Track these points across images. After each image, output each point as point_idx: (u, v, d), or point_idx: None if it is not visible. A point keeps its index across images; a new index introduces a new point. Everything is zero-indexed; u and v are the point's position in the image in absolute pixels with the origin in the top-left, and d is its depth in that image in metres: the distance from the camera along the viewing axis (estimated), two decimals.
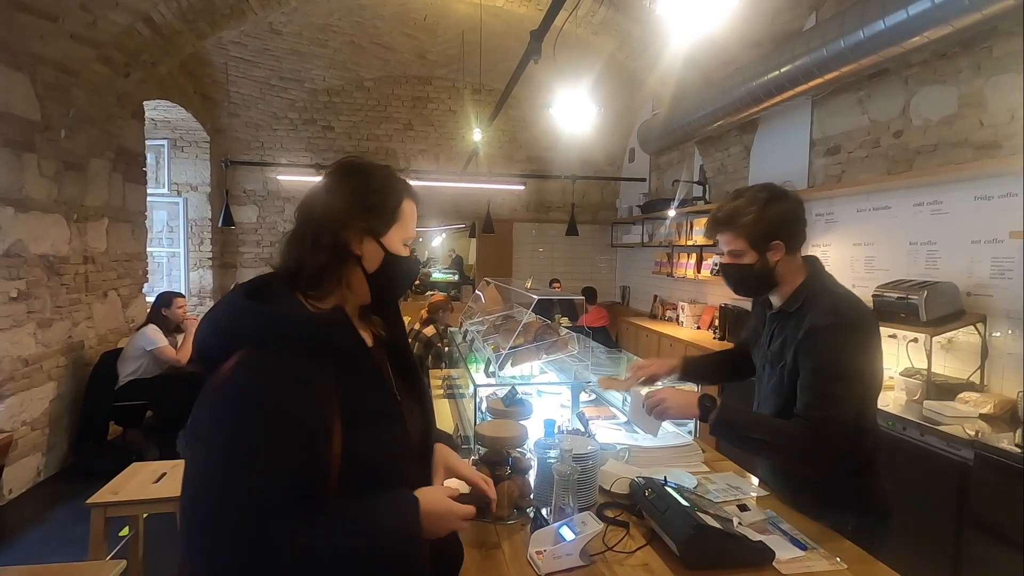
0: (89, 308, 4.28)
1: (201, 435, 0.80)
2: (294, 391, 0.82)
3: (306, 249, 0.93)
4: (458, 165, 7.64)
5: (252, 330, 0.85)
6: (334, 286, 0.95)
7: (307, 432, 0.82)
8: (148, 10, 3.88)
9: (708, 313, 5.64)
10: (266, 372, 0.82)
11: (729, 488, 1.69)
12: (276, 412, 0.80)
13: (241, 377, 0.81)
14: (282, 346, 0.84)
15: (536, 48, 3.04)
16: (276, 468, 0.79)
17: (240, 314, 0.87)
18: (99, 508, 2.19)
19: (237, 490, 0.76)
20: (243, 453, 0.78)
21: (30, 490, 3.64)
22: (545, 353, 2.34)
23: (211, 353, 0.86)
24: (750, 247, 1.47)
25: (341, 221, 0.94)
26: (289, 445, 0.80)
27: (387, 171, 1.04)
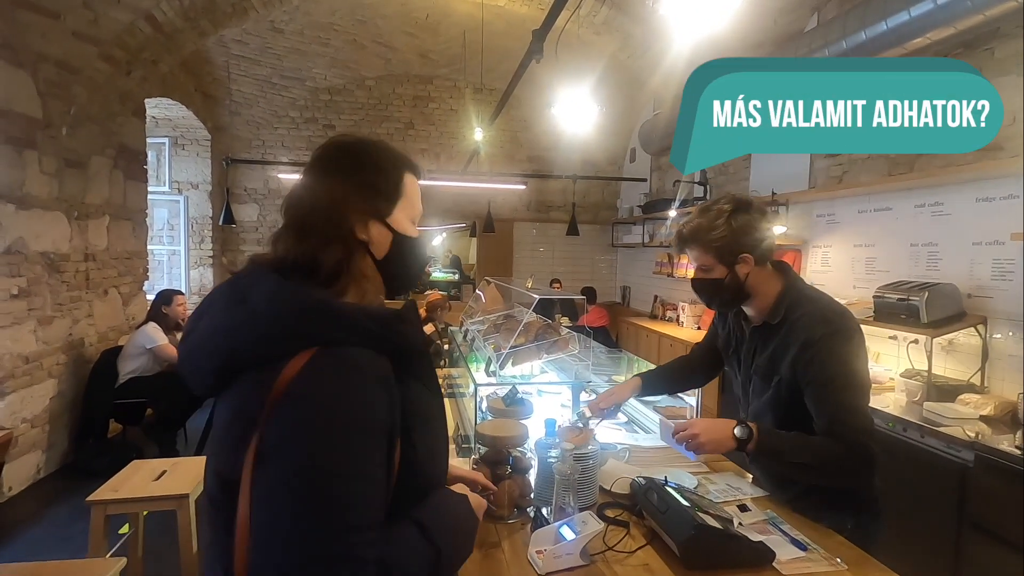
0: (90, 306, 4.28)
1: (283, 452, 0.68)
2: (380, 393, 0.74)
3: (318, 242, 0.82)
4: (459, 164, 7.64)
5: (324, 328, 0.73)
6: (350, 279, 0.83)
7: (389, 438, 0.75)
8: (150, 8, 3.88)
9: (708, 314, 5.64)
10: (351, 373, 0.72)
11: (729, 488, 1.69)
12: (369, 417, 0.72)
13: (324, 381, 0.70)
14: (355, 345, 0.74)
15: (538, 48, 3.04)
16: (375, 480, 0.72)
17: (307, 309, 0.74)
18: (99, 505, 2.19)
19: (333, 509, 0.67)
20: (344, 467, 0.68)
21: (30, 487, 3.64)
22: (546, 353, 2.34)
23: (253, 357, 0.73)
24: (718, 262, 1.47)
25: (343, 207, 0.84)
26: (382, 452, 0.73)
27: (381, 144, 0.92)
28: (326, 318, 0.74)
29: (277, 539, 0.66)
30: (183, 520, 2.26)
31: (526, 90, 6.61)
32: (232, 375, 0.74)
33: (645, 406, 2.39)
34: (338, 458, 0.68)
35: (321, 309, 0.74)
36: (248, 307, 0.75)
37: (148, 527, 2.50)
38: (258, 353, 0.72)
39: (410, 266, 0.94)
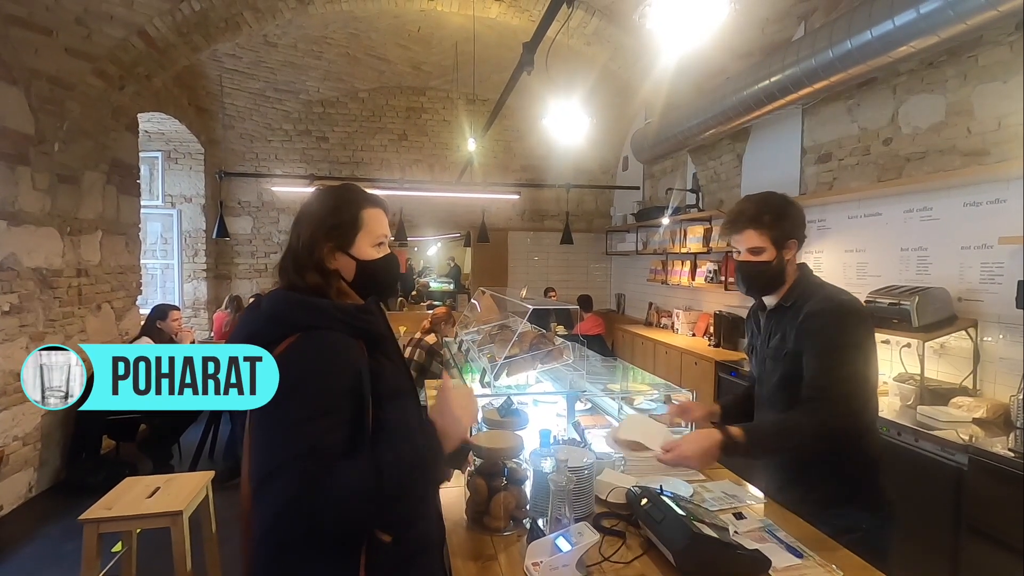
0: (82, 321, 4.26)
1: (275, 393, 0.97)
2: (340, 363, 1.00)
3: (290, 271, 1.12)
4: (453, 175, 7.67)
5: (304, 318, 1.03)
6: (334, 297, 1.12)
7: (352, 397, 1.00)
8: (143, 23, 3.90)
9: (703, 320, 5.66)
10: (317, 348, 1.00)
11: (725, 496, 1.69)
12: (326, 378, 0.99)
13: (296, 352, 0.99)
14: (329, 329, 1.02)
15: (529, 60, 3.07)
16: (332, 421, 0.96)
17: (294, 305, 1.05)
18: (92, 524, 2.17)
19: (302, 437, 0.93)
20: (303, 407, 0.95)
21: (22, 506, 3.60)
22: (540, 363, 2.34)
23: (263, 339, 1.01)
24: (771, 244, 1.57)
25: (310, 246, 1.11)
26: (338, 405, 0.98)
27: (342, 189, 1.17)
28: (306, 310, 1.04)
29: (257, 450, 0.97)
30: (177, 537, 2.23)
31: (518, 100, 6.66)
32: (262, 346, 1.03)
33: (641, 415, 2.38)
34: (305, 402, 0.96)
35: (303, 304, 1.05)
36: (259, 309, 1.08)
37: (142, 545, 2.47)
38: (264, 336, 1.01)
39: (376, 282, 1.18)
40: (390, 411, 1.06)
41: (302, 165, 7.52)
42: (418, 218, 7.78)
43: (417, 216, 7.75)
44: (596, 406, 2.57)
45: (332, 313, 1.05)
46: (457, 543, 1.41)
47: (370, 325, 1.09)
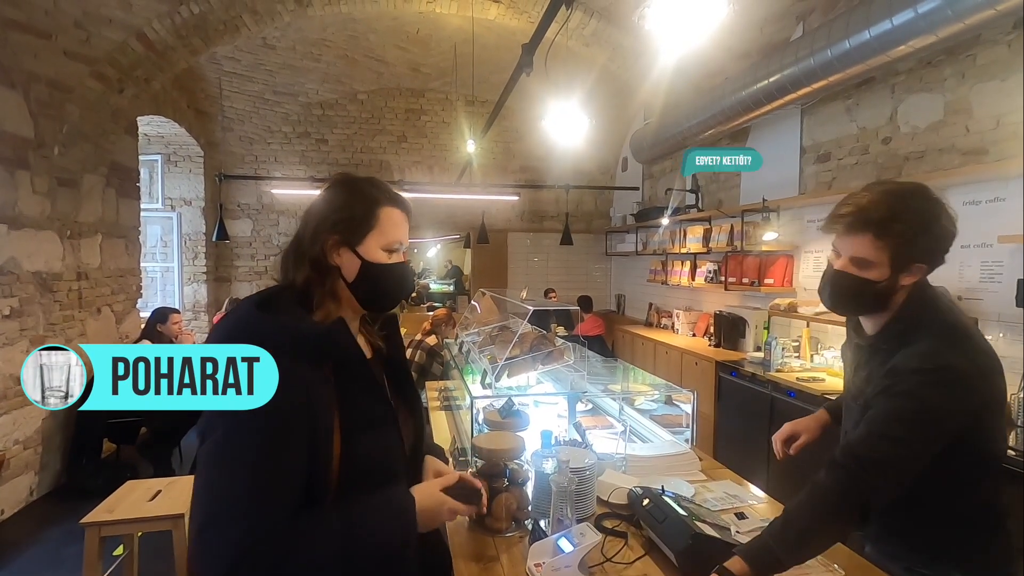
0: (83, 324, 4.26)
1: (212, 431, 0.87)
2: (295, 393, 0.88)
3: (290, 264, 1.02)
4: (452, 176, 7.67)
5: (259, 338, 0.90)
6: (323, 298, 1.00)
7: (308, 431, 0.88)
8: (142, 27, 3.90)
9: (703, 320, 5.66)
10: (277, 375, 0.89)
11: (727, 496, 1.69)
12: (279, 410, 0.86)
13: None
14: (285, 353, 0.89)
15: (528, 61, 3.08)
16: (280, 461, 0.86)
17: (249, 324, 0.93)
18: (93, 527, 2.17)
19: (246, 480, 0.83)
20: (251, 446, 0.85)
21: (23, 510, 3.59)
22: (541, 364, 2.34)
23: None
24: (888, 261, 1.14)
25: (315, 236, 1.01)
26: (291, 441, 0.87)
27: (364, 182, 1.07)
28: (263, 334, 0.91)
29: (195, 499, 0.86)
30: (178, 540, 2.23)
31: (517, 101, 6.66)
32: None
33: (642, 415, 2.39)
34: (249, 441, 0.85)
35: (257, 323, 0.93)
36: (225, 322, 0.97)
37: (143, 548, 2.47)
38: None
39: (379, 289, 1.05)
40: (363, 446, 0.94)
41: (301, 167, 7.52)
42: (418, 220, 7.68)
43: (417, 218, 7.53)
44: (597, 407, 2.58)
45: (291, 335, 0.92)
46: (459, 544, 1.41)
47: (334, 350, 0.96)
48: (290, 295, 1.00)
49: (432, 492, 1.01)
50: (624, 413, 2.32)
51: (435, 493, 1.01)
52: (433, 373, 4.06)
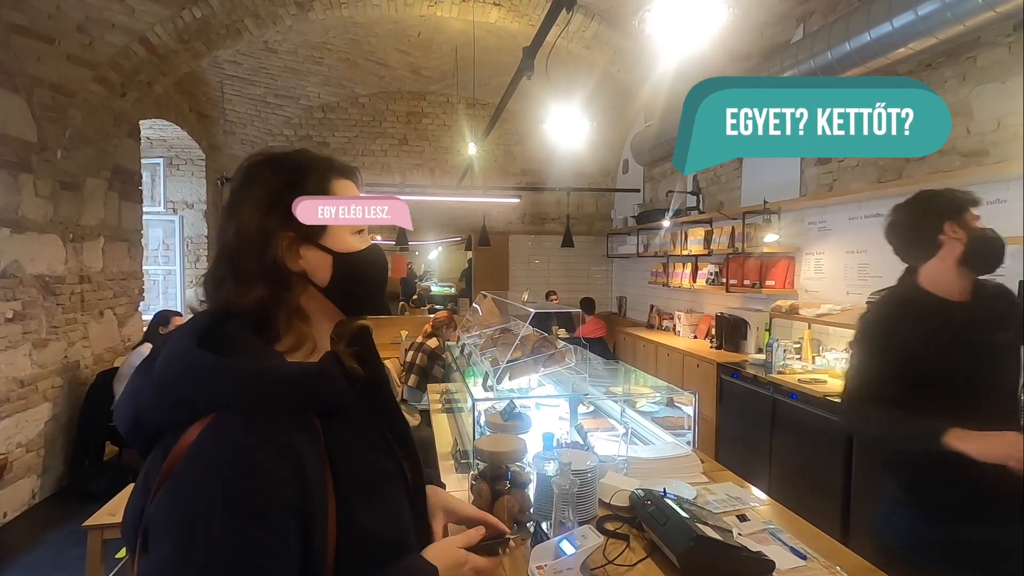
0: (85, 328, 4.27)
1: (164, 533, 0.60)
2: (284, 466, 0.64)
3: (229, 289, 0.72)
4: (453, 179, 7.68)
5: (218, 392, 0.65)
6: (288, 319, 0.75)
7: (301, 516, 0.64)
8: (144, 31, 3.92)
9: (704, 322, 5.66)
10: (245, 445, 0.63)
11: (729, 499, 1.69)
12: (265, 497, 0.62)
13: (212, 453, 0.62)
14: (259, 410, 0.65)
15: (529, 64, 3.09)
16: (269, 570, 0.61)
17: (199, 372, 0.66)
18: (96, 530, 2.17)
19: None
20: (229, 559, 0.59)
21: (25, 512, 3.60)
22: (543, 366, 2.34)
23: (157, 424, 0.67)
24: None
25: (260, 239, 0.73)
26: (285, 540, 0.63)
27: (298, 155, 0.80)
28: (218, 380, 0.65)
29: None
30: None
31: (519, 104, 6.68)
32: (150, 438, 0.68)
33: (643, 417, 2.39)
34: (217, 551, 0.59)
35: (211, 370, 0.66)
36: (153, 369, 0.69)
37: None
38: (160, 418, 0.67)
39: (364, 285, 0.82)
40: (363, 513, 0.71)
41: None
42: (419, 222, 7.79)
43: (418, 220, 7.72)
44: (598, 409, 2.58)
45: (266, 383, 0.67)
46: None
47: (326, 396, 0.72)
48: (239, 322, 0.72)
49: (450, 553, 0.82)
50: (626, 415, 2.32)
51: (455, 554, 0.82)
52: (434, 375, 4.06)
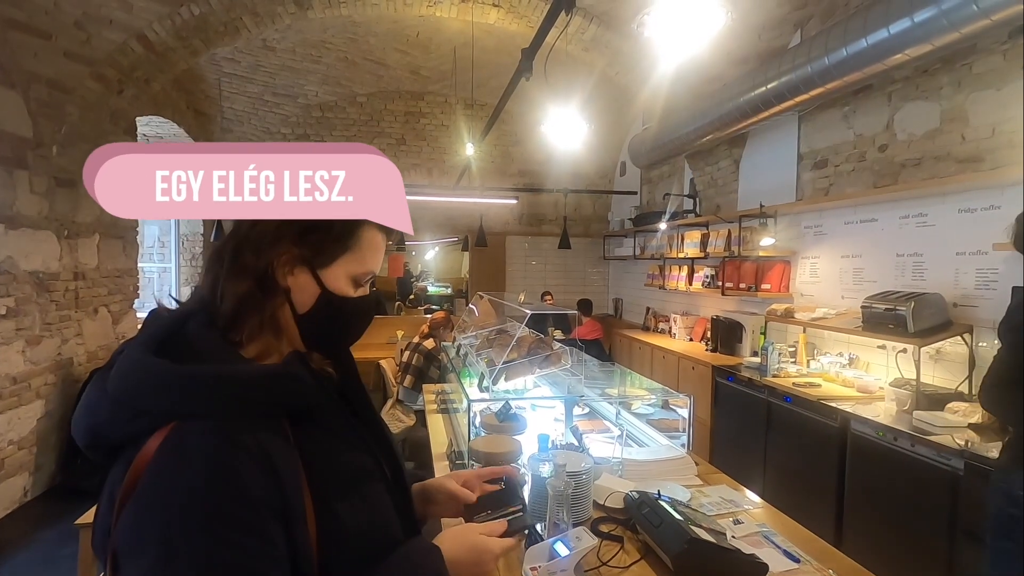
0: (79, 325, 4.25)
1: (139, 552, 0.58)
2: (255, 468, 0.62)
3: (223, 270, 0.72)
4: (451, 179, 7.68)
5: (176, 399, 0.63)
6: (256, 326, 0.73)
7: (278, 521, 0.63)
8: (142, 28, 3.91)
9: (700, 325, 5.67)
10: (211, 451, 0.60)
11: (723, 501, 1.70)
12: (240, 499, 0.60)
13: (179, 463, 0.60)
14: (224, 415, 0.63)
15: (527, 66, 3.09)
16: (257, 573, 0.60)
17: (155, 380, 0.64)
18: (88, 528, 2.15)
19: None
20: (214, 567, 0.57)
21: (17, 510, 3.58)
22: (539, 367, 2.35)
23: (115, 436, 0.65)
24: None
25: (269, 240, 0.73)
26: (267, 541, 0.61)
27: None
28: (175, 387, 0.63)
29: None
30: None
31: (517, 105, 6.68)
32: (109, 452, 0.66)
33: (639, 419, 2.39)
34: (198, 560, 0.57)
35: (167, 378, 0.64)
36: (108, 378, 0.67)
37: None
38: (117, 431, 0.65)
39: (337, 329, 0.80)
40: (345, 512, 0.70)
41: None
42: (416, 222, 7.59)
43: (415, 220, 7.49)
44: (594, 411, 2.58)
45: (227, 387, 0.65)
46: None
47: (292, 398, 0.70)
48: (205, 322, 0.71)
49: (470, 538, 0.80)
50: (621, 417, 2.33)
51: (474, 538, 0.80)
52: (430, 376, 4.06)
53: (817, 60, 3.22)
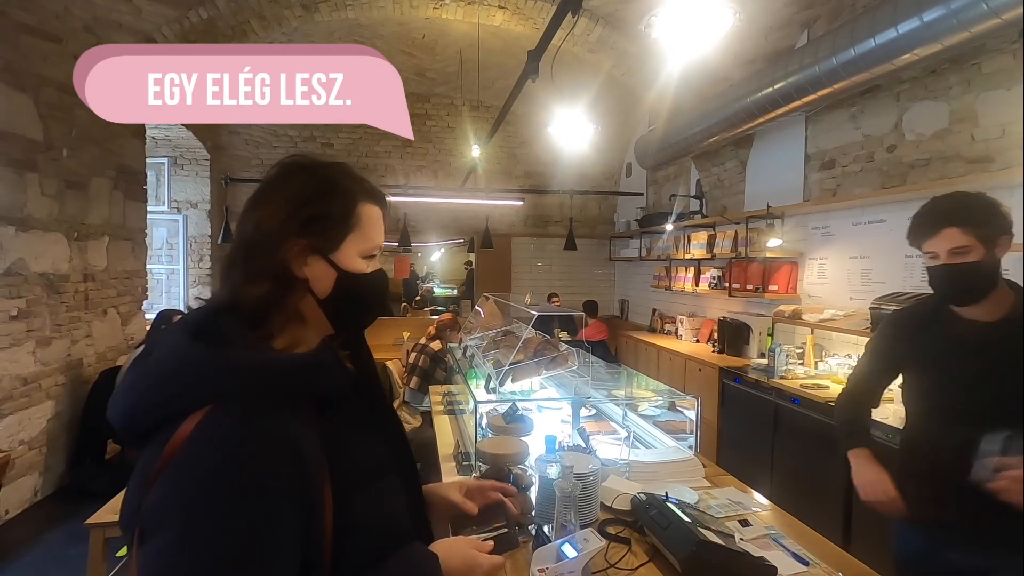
0: (88, 326, 4.28)
1: (163, 524, 0.60)
2: (282, 455, 0.65)
3: (238, 279, 0.75)
4: (457, 181, 7.70)
5: (214, 384, 0.66)
6: (283, 320, 0.77)
7: (301, 506, 0.66)
8: (151, 31, 3.94)
9: (707, 326, 5.65)
10: (242, 434, 0.64)
11: (731, 503, 1.69)
12: (263, 485, 0.63)
13: (210, 445, 0.63)
14: (256, 401, 0.67)
15: (533, 68, 3.10)
16: (272, 562, 0.62)
17: (194, 365, 0.68)
18: (97, 528, 2.17)
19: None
20: (229, 547, 0.60)
21: (27, 510, 3.60)
22: (545, 369, 2.34)
23: (151, 417, 0.67)
24: (979, 241, 1.33)
25: (275, 239, 0.76)
26: (285, 528, 0.64)
27: (336, 170, 0.83)
28: (214, 373, 0.67)
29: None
30: None
31: (523, 107, 6.69)
32: (143, 434, 0.68)
33: (645, 421, 2.39)
34: (217, 538, 0.60)
35: (210, 361, 0.68)
36: (147, 363, 0.71)
37: None
38: (154, 413, 0.67)
39: (358, 306, 0.84)
40: (360, 501, 0.73)
41: None
42: (422, 224, 7.80)
43: (421, 222, 7.77)
44: (601, 412, 2.57)
45: (261, 374, 0.69)
46: None
47: (322, 386, 0.74)
48: (234, 317, 0.74)
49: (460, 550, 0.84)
50: (628, 419, 2.32)
51: (464, 551, 0.84)
52: (436, 378, 4.06)
53: (824, 60, 3.21)
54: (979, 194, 1.40)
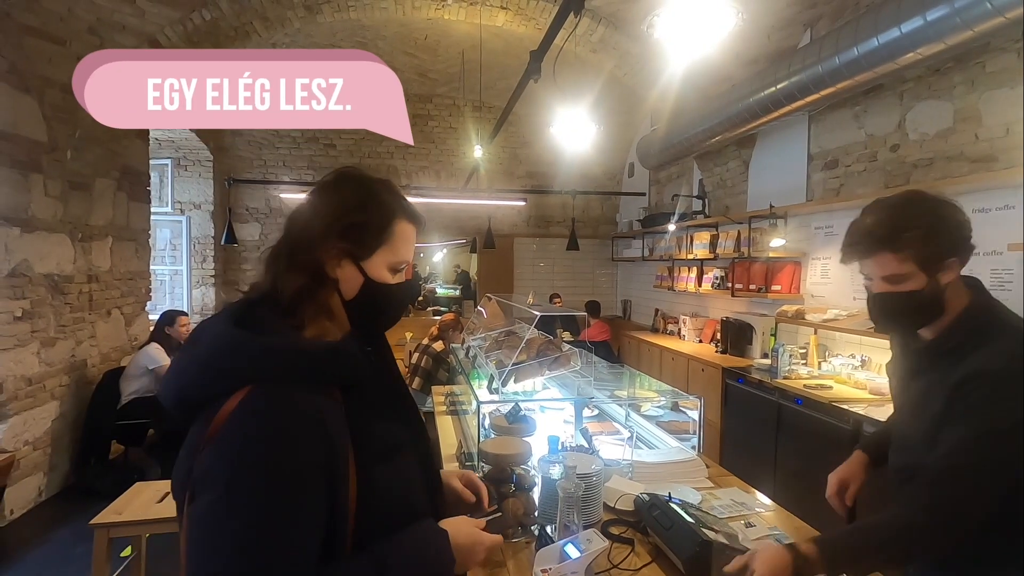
0: (92, 327, 4.30)
1: (208, 486, 0.70)
2: (312, 431, 0.74)
3: (281, 268, 0.85)
4: (459, 181, 7.70)
5: (254, 366, 0.75)
6: (313, 313, 0.84)
7: (328, 476, 0.74)
8: (154, 33, 3.96)
9: (710, 327, 5.64)
10: (278, 411, 0.73)
11: (734, 504, 1.69)
12: (295, 456, 0.72)
13: (251, 419, 0.72)
14: (291, 381, 0.75)
15: (535, 68, 3.10)
16: (301, 522, 0.71)
17: (237, 348, 0.77)
18: (102, 529, 2.18)
19: (259, 551, 0.68)
20: (262, 507, 0.69)
21: (32, 510, 3.62)
22: (548, 369, 2.34)
23: (199, 396, 0.77)
24: (919, 268, 1.11)
25: (317, 239, 0.86)
26: (311, 495, 0.73)
27: (380, 186, 0.93)
28: (256, 354, 0.76)
29: (197, 565, 0.70)
30: None
31: (525, 107, 6.69)
32: (191, 410, 0.78)
33: (648, 421, 2.39)
34: (255, 499, 0.69)
35: (251, 345, 0.76)
36: (196, 348, 0.80)
37: (151, 550, 2.48)
38: (202, 391, 0.76)
39: (377, 313, 0.93)
40: (380, 477, 0.81)
41: (309, 172, 7.57)
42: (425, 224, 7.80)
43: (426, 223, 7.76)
44: (603, 413, 2.57)
45: (294, 358, 0.77)
46: None
47: (347, 371, 0.82)
48: (271, 308, 0.84)
49: (467, 530, 0.91)
50: (631, 419, 2.32)
51: (470, 531, 0.91)
52: (439, 378, 4.07)
53: (827, 60, 3.20)
54: (927, 203, 1.14)
